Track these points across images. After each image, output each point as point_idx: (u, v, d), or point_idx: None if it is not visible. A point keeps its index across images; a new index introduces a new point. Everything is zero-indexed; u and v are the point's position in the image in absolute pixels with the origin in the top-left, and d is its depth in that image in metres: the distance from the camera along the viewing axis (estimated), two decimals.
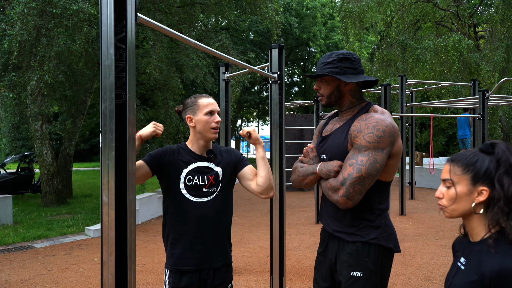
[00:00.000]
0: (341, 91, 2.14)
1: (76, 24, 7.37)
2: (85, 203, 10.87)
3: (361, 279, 2.01)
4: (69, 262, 5.65)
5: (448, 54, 12.18)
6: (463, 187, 1.42)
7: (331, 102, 2.16)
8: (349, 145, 2.04)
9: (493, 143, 1.44)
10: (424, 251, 6.03)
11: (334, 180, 1.99)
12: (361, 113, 2.09)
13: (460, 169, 1.44)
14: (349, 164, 1.96)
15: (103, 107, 1.90)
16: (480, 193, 1.40)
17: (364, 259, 2.02)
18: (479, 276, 1.34)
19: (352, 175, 1.93)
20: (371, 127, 1.96)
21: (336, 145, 2.09)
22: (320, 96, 2.18)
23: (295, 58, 30.31)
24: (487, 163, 1.40)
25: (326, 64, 2.10)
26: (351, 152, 2.00)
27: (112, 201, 1.84)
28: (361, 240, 2.03)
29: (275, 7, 11.09)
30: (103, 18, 1.91)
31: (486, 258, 1.34)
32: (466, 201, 1.42)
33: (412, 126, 11.27)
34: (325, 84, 2.15)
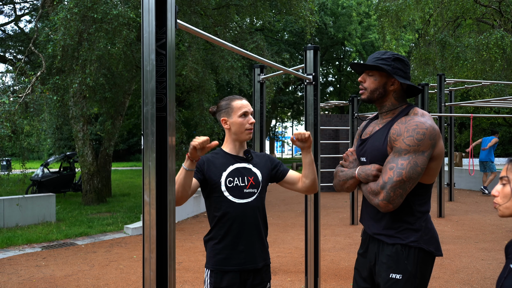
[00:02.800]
0: (386, 90, 2.12)
1: (116, 28, 7.61)
2: (123, 202, 11.17)
3: (400, 282, 2.01)
4: (109, 259, 5.84)
5: (490, 51, 11.80)
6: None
7: (373, 99, 2.13)
8: (388, 148, 2.03)
9: None
10: (463, 254, 5.89)
11: (374, 184, 1.99)
12: (401, 115, 2.07)
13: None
14: (389, 167, 1.95)
15: (145, 110, 1.98)
16: None
17: (404, 261, 2.01)
18: None
19: (393, 179, 1.93)
20: (411, 130, 1.95)
21: (376, 148, 2.08)
22: (363, 90, 2.14)
23: (330, 57, 30.09)
24: None
25: (380, 60, 2.09)
26: (391, 156, 1.99)
27: (153, 201, 1.91)
28: (401, 243, 2.02)
29: (310, 7, 11.06)
30: (145, 25, 1.99)
31: None
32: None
33: (451, 126, 11.00)
34: (372, 79, 2.12)
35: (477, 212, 9.24)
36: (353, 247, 6.32)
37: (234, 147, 2.38)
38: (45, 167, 12.21)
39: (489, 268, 5.28)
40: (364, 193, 2.07)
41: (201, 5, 9.88)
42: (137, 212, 9.54)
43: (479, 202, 10.58)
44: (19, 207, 7.87)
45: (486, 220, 8.33)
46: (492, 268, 5.26)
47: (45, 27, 8.39)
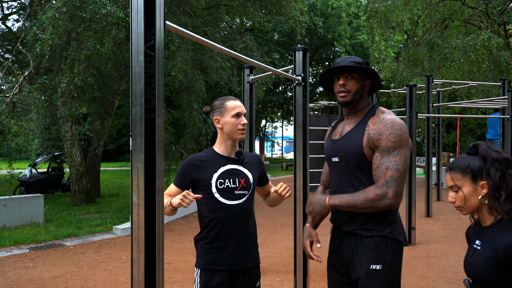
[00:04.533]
0: (363, 91, 2.23)
1: (104, 28, 7.57)
2: (112, 202, 11.11)
3: (380, 272, 2.09)
4: (98, 260, 5.81)
5: (477, 52, 11.94)
6: (468, 187, 1.71)
7: (354, 101, 2.20)
8: (367, 148, 2.11)
9: (475, 144, 1.74)
10: (451, 254, 5.96)
11: (376, 189, 2.04)
12: (370, 114, 2.19)
13: (459, 174, 1.72)
14: (385, 167, 2.04)
15: (133, 112, 1.98)
16: (483, 187, 1.69)
17: (383, 252, 2.10)
18: (494, 252, 1.61)
19: (394, 176, 2.03)
20: (390, 128, 2.07)
21: (352, 146, 2.15)
22: (346, 92, 2.19)
23: (320, 58, 30.20)
24: (477, 162, 1.70)
25: (358, 63, 2.18)
26: (379, 156, 2.07)
27: (142, 202, 1.92)
28: (379, 234, 2.11)
29: (300, 7, 11.09)
30: (134, 26, 2.00)
31: (498, 237, 1.62)
32: (474, 197, 1.71)
33: (439, 126, 11.11)
34: (353, 81, 2.20)
35: None
36: None
37: (226, 147, 2.40)
38: (33, 167, 12.09)
39: None
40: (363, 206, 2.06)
41: (191, 5, 9.86)
42: (126, 212, 9.50)
43: None
44: (6, 208, 7.79)
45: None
46: None
47: (33, 26, 8.31)
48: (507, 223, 1.63)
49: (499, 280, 1.60)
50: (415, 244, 6.52)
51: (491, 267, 1.61)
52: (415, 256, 5.88)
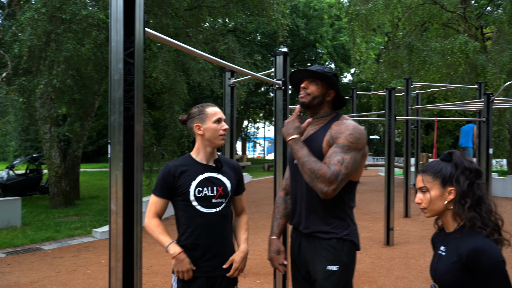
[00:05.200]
0: (324, 99, 2.33)
1: (85, 29, 7.49)
2: (92, 204, 10.99)
3: (336, 272, 2.17)
4: (76, 264, 5.75)
5: (454, 56, 12.16)
6: (436, 191, 1.78)
7: (312, 104, 2.31)
8: (326, 147, 2.20)
9: (450, 152, 1.81)
10: (427, 254, 6.07)
11: (330, 172, 2.07)
12: (333, 121, 2.29)
13: (430, 177, 1.79)
14: (337, 160, 2.10)
15: (112, 119, 1.98)
16: (450, 193, 1.76)
17: (339, 253, 2.18)
18: (458, 257, 1.68)
19: (342, 171, 2.08)
20: (351, 129, 2.17)
21: (312, 147, 2.22)
22: (306, 95, 2.31)
23: (302, 59, 30.34)
24: (449, 169, 1.77)
25: (324, 72, 2.29)
26: (333, 149, 2.14)
27: (120, 210, 1.92)
28: (336, 237, 2.19)
29: (282, 10, 11.14)
30: (113, 34, 2.00)
31: (461, 242, 1.69)
32: (440, 201, 1.78)
33: (417, 128, 11.28)
34: (315, 86, 2.31)
35: None
36: None
37: (205, 154, 2.41)
38: (10, 169, 11.87)
39: None
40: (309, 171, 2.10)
41: (172, 6, 9.82)
42: (106, 215, 9.42)
43: None
44: None
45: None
46: None
47: (12, 27, 8.17)
48: (469, 229, 1.71)
49: (464, 285, 1.68)
50: (393, 245, 6.62)
51: (456, 272, 1.68)
52: (393, 257, 5.97)
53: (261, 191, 13.62)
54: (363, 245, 6.61)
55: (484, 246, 1.64)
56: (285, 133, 2.24)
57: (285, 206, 2.50)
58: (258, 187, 14.70)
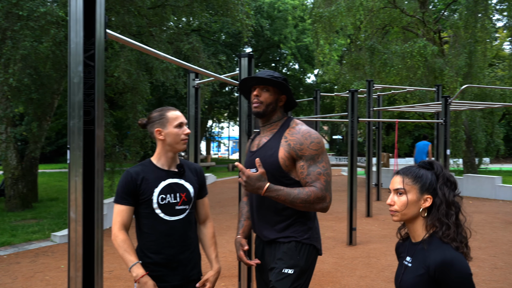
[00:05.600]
0: (277, 105, 2.33)
1: (43, 27, 7.23)
2: (51, 207, 10.65)
3: (291, 276, 2.15)
4: (34, 270, 5.55)
5: (413, 59, 12.53)
6: (413, 195, 1.74)
7: (266, 112, 2.30)
8: (284, 158, 2.18)
9: (431, 162, 1.80)
10: (389, 253, 6.21)
11: (318, 190, 2.10)
12: (285, 126, 2.29)
13: (410, 180, 1.75)
14: (317, 173, 2.13)
15: (71, 124, 1.92)
16: (426, 200, 1.74)
17: (297, 257, 2.18)
18: (425, 269, 1.65)
19: (328, 180, 2.14)
20: (309, 137, 2.18)
21: (268, 156, 2.22)
22: (259, 104, 2.28)
23: (267, 59, 30.46)
24: (430, 177, 1.75)
25: (275, 78, 2.27)
26: (306, 165, 2.15)
27: (80, 218, 1.86)
28: (295, 240, 2.19)
29: (246, 11, 11.14)
30: (72, 35, 1.94)
31: (429, 254, 1.65)
32: (415, 206, 1.74)
33: (379, 129, 11.55)
34: (267, 94, 2.29)
35: None
36: None
37: (166, 159, 2.34)
38: None
39: None
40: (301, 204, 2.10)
41: (135, 4, 9.64)
42: (65, 218, 9.14)
43: None
44: None
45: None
46: None
47: None
48: (438, 240, 1.67)
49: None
50: (356, 244, 6.73)
51: (423, 285, 1.65)
52: (356, 256, 6.08)
53: (226, 191, 13.58)
54: (327, 245, 6.69)
55: (453, 258, 1.61)
56: (252, 191, 2.10)
57: (248, 209, 2.49)
58: (222, 188, 14.64)
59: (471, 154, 15.39)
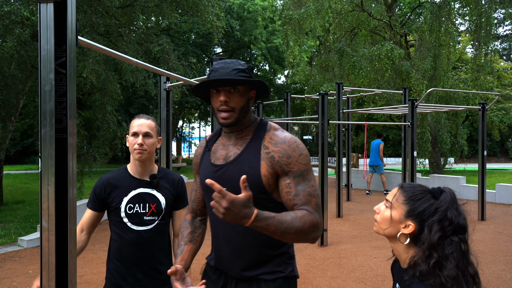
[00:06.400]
0: (249, 106, 1.80)
1: (7, 26, 7.04)
2: (17, 210, 10.37)
3: None
4: (0, 276, 5.40)
5: (381, 62, 12.81)
6: (397, 214, 1.55)
7: (240, 119, 1.75)
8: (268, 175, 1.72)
9: (443, 190, 1.54)
10: (359, 253, 6.34)
11: (313, 216, 1.65)
12: (261, 133, 1.79)
13: (403, 198, 1.55)
14: (308, 194, 1.68)
15: (43, 132, 1.90)
16: (407, 226, 1.53)
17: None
18: None
19: (318, 203, 1.71)
20: (296, 148, 1.72)
21: (246, 173, 1.71)
22: (230, 112, 1.73)
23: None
24: (426, 206, 1.51)
25: (241, 72, 1.73)
26: (293, 183, 1.69)
27: (53, 227, 1.85)
28: (282, 276, 1.81)
29: (217, 12, 11.14)
30: (43, 43, 1.92)
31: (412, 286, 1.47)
32: (394, 227, 1.56)
33: (348, 130, 11.76)
34: (237, 95, 1.73)
35: (371, 211, 9.96)
36: None
37: (136, 167, 2.32)
38: None
39: (381, 265, 5.75)
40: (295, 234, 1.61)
41: (103, 4, 9.49)
42: (33, 221, 8.92)
43: (372, 202, 11.42)
44: None
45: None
46: (383, 266, 5.73)
47: None
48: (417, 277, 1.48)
49: None
50: (327, 245, 6.84)
51: None
52: (327, 257, 6.18)
53: None
54: (299, 246, 6.77)
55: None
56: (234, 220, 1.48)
57: (192, 230, 1.98)
58: None
59: (436, 154, 15.84)
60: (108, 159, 10.56)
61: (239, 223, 1.49)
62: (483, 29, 13.48)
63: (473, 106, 8.80)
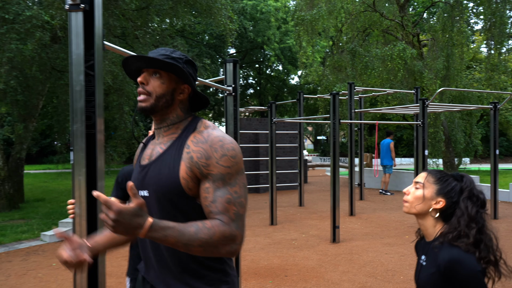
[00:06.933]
0: (174, 98, 1.63)
1: (28, 30, 7.34)
2: (38, 207, 10.71)
3: None
4: (26, 268, 5.68)
5: (393, 62, 12.88)
6: (428, 193, 1.83)
7: (157, 108, 1.61)
8: (187, 177, 1.53)
9: (463, 175, 1.86)
10: (370, 250, 6.48)
11: (224, 227, 1.44)
12: (189, 130, 1.62)
13: (433, 179, 1.85)
14: (226, 202, 1.48)
15: (75, 128, 2.11)
16: (438, 202, 1.82)
17: None
18: (436, 268, 1.73)
19: (239, 213, 1.49)
20: (219, 148, 1.52)
21: (166, 176, 1.55)
22: (145, 95, 1.60)
23: (250, 60, 30.71)
24: (453, 185, 1.83)
25: (170, 58, 1.60)
26: (212, 187, 1.50)
27: (84, 213, 2.06)
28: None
29: (230, 15, 11.34)
30: (73, 47, 2.13)
31: (439, 254, 1.74)
32: (425, 203, 1.84)
33: (361, 130, 11.87)
34: (158, 81, 1.60)
35: (383, 210, 10.07)
36: (272, 247, 6.69)
37: None
38: None
39: (391, 261, 5.88)
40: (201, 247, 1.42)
41: (120, 7, 9.77)
42: (53, 218, 9.22)
43: (386, 201, 11.51)
44: None
45: (391, 217, 9.13)
46: (393, 261, 5.86)
47: None
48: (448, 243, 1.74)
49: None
50: (339, 242, 6.99)
51: (436, 282, 1.75)
52: (339, 253, 6.33)
53: None
54: (311, 242, 6.93)
55: (460, 257, 1.68)
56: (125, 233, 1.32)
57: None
58: None
59: (450, 154, 15.82)
60: (126, 158, 10.84)
61: (132, 235, 1.34)
62: (497, 28, 13.47)
63: (485, 106, 8.84)
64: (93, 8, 2.11)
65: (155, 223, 1.35)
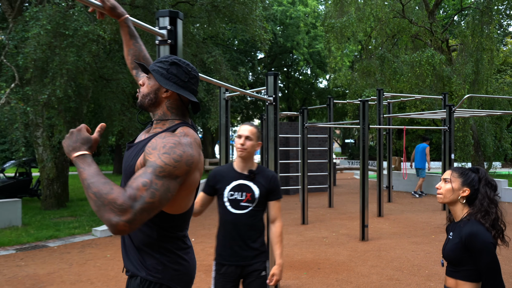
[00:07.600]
0: (158, 96, 1.85)
1: (85, 44, 8.09)
2: (83, 206, 11.50)
3: None
4: (85, 258, 6.35)
5: (422, 68, 13.18)
6: (456, 185, 2.38)
7: (144, 104, 1.87)
8: (139, 166, 1.72)
9: (478, 168, 2.42)
10: (397, 247, 6.90)
11: (122, 197, 1.48)
12: (168, 130, 1.80)
13: (457, 174, 2.40)
14: (142, 183, 1.53)
15: None
16: (464, 191, 2.37)
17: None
18: (459, 239, 2.27)
19: (145, 198, 1.51)
20: (168, 148, 1.64)
21: (129, 160, 1.80)
22: (139, 93, 1.92)
23: (279, 64, 31.24)
24: (473, 176, 2.38)
25: (158, 62, 1.85)
26: (143, 170, 1.59)
27: None
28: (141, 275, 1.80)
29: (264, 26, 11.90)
30: None
31: (462, 228, 2.29)
32: (455, 194, 2.39)
33: (389, 134, 12.22)
34: (147, 81, 1.89)
35: (411, 211, 10.42)
36: (305, 244, 7.18)
37: (238, 163, 2.93)
38: (1, 172, 12.26)
39: (417, 257, 6.30)
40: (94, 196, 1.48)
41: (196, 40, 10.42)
42: None
43: (413, 203, 11.83)
44: None
45: (418, 218, 9.49)
46: (419, 258, 6.28)
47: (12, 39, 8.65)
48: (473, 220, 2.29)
49: (462, 260, 2.28)
50: (367, 240, 7.42)
51: (457, 250, 2.28)
52: (368, 249, 6.77)
53: None
54: (341, 240, 7.40)
55: (478, 231, 2.22)
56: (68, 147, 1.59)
57: None
58: None
59: (479, 158, 15.93)
60: None
61: (68, 154, 1.59)
62: None
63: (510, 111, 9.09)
64: (176, 42, 2.65)
65: (86, 156, 1.57)
